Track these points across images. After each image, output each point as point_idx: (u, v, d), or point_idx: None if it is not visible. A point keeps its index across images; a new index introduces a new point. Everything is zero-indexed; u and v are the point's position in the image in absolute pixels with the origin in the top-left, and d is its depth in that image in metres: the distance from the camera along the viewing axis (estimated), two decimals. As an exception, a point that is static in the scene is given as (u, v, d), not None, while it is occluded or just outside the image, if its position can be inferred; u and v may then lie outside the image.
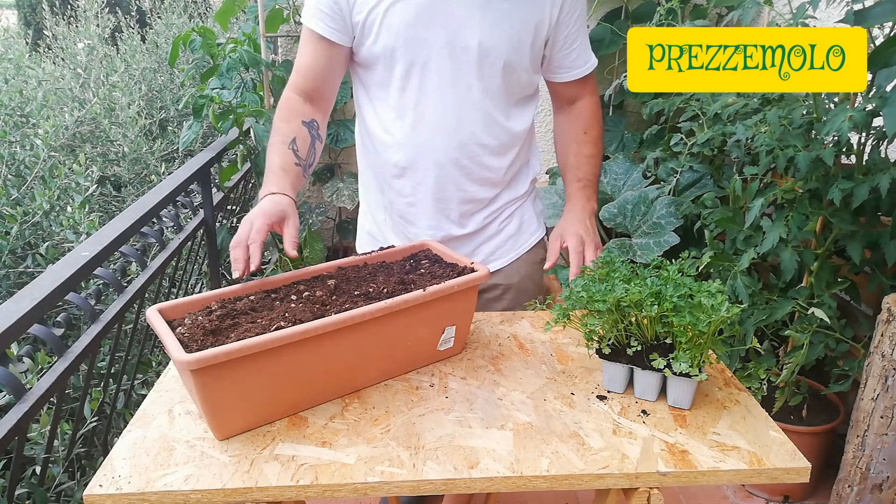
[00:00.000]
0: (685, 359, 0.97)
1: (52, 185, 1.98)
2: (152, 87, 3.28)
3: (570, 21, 1.28)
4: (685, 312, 0.98)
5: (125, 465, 0.88)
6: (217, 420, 0.92)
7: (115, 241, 1.54)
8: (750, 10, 1.64)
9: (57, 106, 2.62)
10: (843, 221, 1.63)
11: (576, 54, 1.33)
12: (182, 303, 1.01)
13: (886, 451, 1.48)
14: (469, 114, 1.27)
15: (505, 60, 1.24)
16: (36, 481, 1.27)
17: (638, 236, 2.31)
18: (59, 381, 1.27)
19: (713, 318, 0.96)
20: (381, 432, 0.95)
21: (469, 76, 1.24)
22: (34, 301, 1.22)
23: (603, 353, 1.05)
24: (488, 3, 1.20)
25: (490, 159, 1.32)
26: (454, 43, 1.21)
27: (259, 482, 0.85)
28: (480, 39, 1.21)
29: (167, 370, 1.12)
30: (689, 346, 0.99)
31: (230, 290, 1.06)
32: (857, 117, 1.43)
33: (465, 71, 1.23)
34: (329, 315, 0.95)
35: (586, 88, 1.40)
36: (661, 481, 0.89)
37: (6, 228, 1.87)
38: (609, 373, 1.05)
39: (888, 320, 1.43)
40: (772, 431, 0.96)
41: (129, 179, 2.65)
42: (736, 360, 1.93)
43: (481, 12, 1.20)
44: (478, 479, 0.87)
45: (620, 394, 1.05)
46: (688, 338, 0.98)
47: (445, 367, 1.13)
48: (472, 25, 1.20)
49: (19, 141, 2.33)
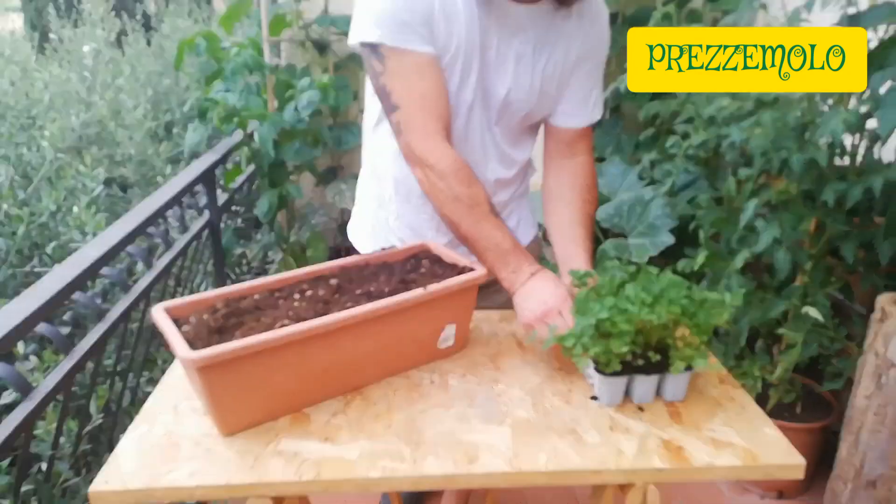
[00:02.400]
0: (689, 353, 0.98)
1: (58, 187, 2.00)
2: (158, 90, 3.29)
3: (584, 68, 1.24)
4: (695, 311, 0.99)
5: (131, 462, 0.89)
6: (222, 416, 0.93)
7: (121, 242, 1.55)
8: (745, 14, 1.67)
9: (63, 108, 2.64)
10: (836, 222, 1.64)
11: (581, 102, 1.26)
12: (187, 302, 1.02)
13: (880, 448, 1.50)
14: (490, 153, 1.25)
15: (527, 110, 1.22)
16: (42, 478, 1.27)
17: (634, 237, 2.33)
18: (65, 379, 1.28)
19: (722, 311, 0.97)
20: (382, 428, 0.97)
21: (492, 121, 1.22)
22: (41, 300, 1.23)
23: (605, 371, 1.00)
24: (520, 58, 1.16)
25: (503, 192, 1.32)
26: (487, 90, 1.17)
27: (263, 477, 0.86)
28: (509, 89, 1.18)
29: (172, 368, 1.13)
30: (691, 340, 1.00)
31: (235, 289, 1.07)
32: (851, 119, 1.45)
33: (492, 116, 1.21)
34: (332, 313, 0.97)
35: (586, 143, 1.30)
36: (656, 477, 0.90)
37: (13, 229, 1.89)
38: (611, 389, 1.01)
39: (882, 319, 1.45)
40: (766, 428, 0.97)
41: (135, 181, 2.67)
42: (731, 359, 1.95)
43: (514, 65, 1.16)
44: (477, 474, 0.88)
45: None
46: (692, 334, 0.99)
47: (446, 364, 1.14)
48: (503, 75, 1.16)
49: (26, 143, 2.35)
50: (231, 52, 2.52)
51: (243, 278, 2.65)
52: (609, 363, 0.98)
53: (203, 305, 1.02)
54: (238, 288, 1.07)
